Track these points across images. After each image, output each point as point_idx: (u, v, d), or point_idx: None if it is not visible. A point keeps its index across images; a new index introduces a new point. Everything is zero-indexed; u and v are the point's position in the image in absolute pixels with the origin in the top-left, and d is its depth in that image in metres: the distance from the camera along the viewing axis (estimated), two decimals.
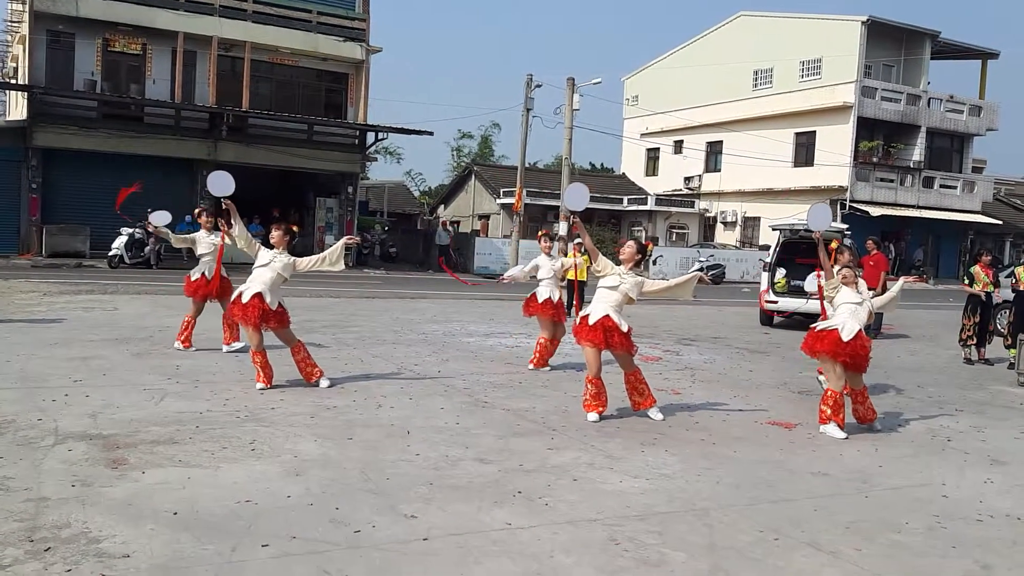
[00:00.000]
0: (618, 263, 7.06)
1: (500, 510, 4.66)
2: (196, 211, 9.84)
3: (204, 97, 25.45)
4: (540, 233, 10.18)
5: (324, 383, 7.67)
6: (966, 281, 12.35)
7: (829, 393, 6.96)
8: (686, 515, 4.77)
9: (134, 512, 4.30)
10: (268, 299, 7.56)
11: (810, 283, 9.33)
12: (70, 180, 24.04)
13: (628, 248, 7.04)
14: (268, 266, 7.66)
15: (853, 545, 4.43)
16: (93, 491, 4.59)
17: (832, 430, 6.87)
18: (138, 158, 24.33)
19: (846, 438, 6.77)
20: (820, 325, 7.28)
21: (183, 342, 9.39)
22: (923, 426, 7.51)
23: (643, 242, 7.24)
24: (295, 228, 8.14)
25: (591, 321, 6.85)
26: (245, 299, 7.58)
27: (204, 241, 9.73)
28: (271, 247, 7.90)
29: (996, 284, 12.07)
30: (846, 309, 7.02)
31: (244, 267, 8.72)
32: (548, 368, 9.41)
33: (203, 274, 9.58)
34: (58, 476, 4.80)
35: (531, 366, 9.38)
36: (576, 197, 7.19)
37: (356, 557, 3.92)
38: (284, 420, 6.39)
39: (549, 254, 9.69)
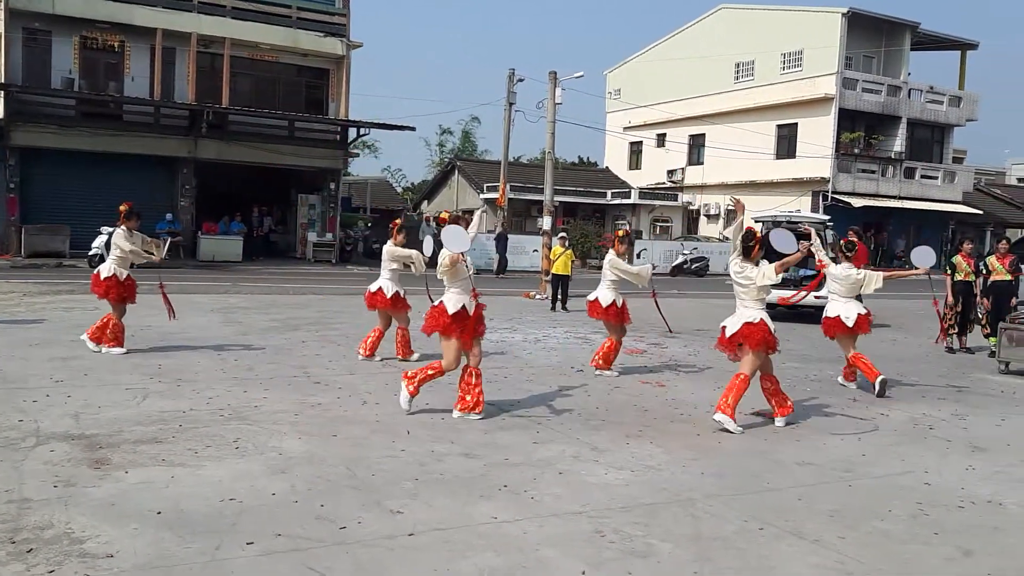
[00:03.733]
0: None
1: (486, 504, 4.66)
2: (123, 208, 8.85)
3: (184, 94, 25.22)
4: (619, 233, 9.58)
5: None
6: (948, 271, 12.38)
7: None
8: (671, 506, 4.79)
9: (117, 512, 4.27)
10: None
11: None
12: (49, 179, 23.77)
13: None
14: None
15: (837, 533, 4.46)
16: (76, 491, 4.55)
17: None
18: (118, 157, 24.10)
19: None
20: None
21: (108, 343, 8.92)
22: (906, 415, 7.57)
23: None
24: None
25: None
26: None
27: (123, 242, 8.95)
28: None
29: (977, 273, 12.15)
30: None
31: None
32: (615, 373, 8.97)
33: (115, 273, 8.91)
34: (40, 477, 4.75)
35: (595, 369, 8.97)
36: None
37: (342, 553, 3.91)
38: (268, 418, 6.36)
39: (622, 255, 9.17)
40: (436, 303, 6.79)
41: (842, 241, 9.01)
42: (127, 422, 6.03)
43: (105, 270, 9.05)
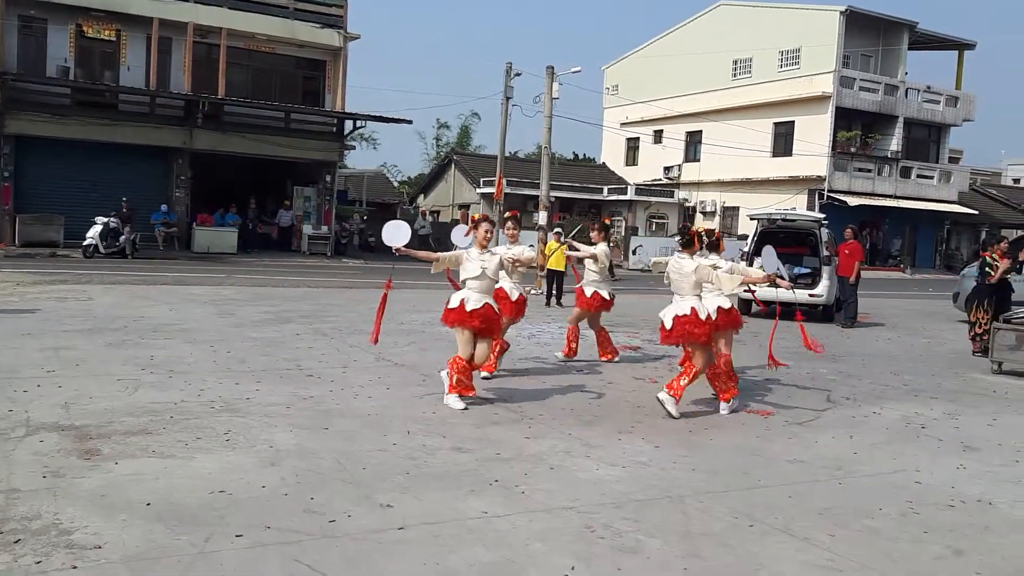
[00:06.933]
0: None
1: (476, 499, 4.66)
2: None
3: (179, 84, 25.13)
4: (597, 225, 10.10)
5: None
6: (991, 274, 11.68)
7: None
8: (662, 502, 4.79)
9: (107, 503, 4.26)
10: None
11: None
12: (43, 168, 23.65)
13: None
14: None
15: (826, 531, 4.46)
16: (65, 482, 4.53)
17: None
18: (113, 147, 24.01)
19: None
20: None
21: None
22: (898, 413, 7.58)
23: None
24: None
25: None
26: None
27: None
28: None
29: (983, 274, 11.85)
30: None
31: None
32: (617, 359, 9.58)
33: None
34: (29, 467, 4.73)
35: (604, 359, 9.51)
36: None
37: (330, 546, 3.90)
38: (260, 411, 6.34)
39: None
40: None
41: (703, 231, 8.12)
42: (118, 413, 6.01)
43: None
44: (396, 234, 7.12)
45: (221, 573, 3.56)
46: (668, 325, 7.08)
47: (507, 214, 8.73)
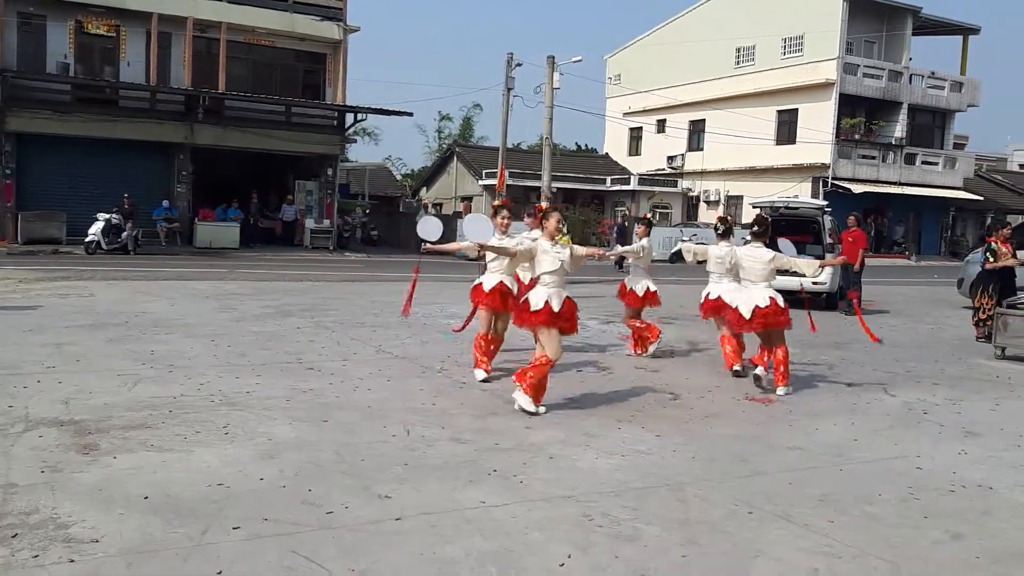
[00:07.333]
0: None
1: (475, 489, 4.65)
2: None
3: (180, 79, 25.11)
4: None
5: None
6: (990, 259, 11.63)
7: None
8: (660, 490, 4.78)
9: (104, 497, 4.26)
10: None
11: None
12: (45, 165, 23.69)
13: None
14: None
15: (826, 517, 4.45)
16: (63, 477, 4.54)
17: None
18: (113, 142, 24.02)
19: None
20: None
21: None
22: (900, 400, 7.56)
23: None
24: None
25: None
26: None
27: None
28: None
29: (985, 259, 11.74)
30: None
31: None
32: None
33: None
34: (27, 462, 4.74)
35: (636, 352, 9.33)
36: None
37: (327, 538, 3.90)
38: (259, 404, 6.34)
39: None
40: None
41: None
42: (117, 408, 6.01)
43: None
44: (477, 228, 6.83)
45: (218, 565, 3.56)
46: (747, 314, 7.47)
47: (497, 203, 8.37)
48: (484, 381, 7.50)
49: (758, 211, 16.61)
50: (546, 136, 24.88)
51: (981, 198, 40.36)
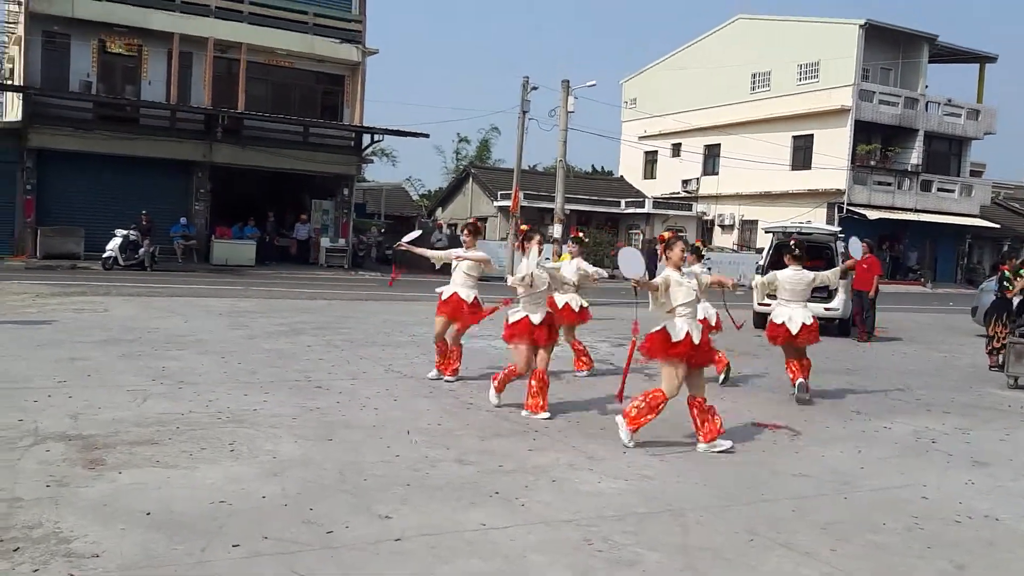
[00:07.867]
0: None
1: (476, 511, 4.65)
2: None
3: (200, 99, 25.43)
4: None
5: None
6: (1008, 287, 11.43)
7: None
8: (662, 515, 4.76)
9: (108, 512, 4.29)
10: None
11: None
12: (65, 182, 23.99)
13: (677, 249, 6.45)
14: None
15: (828, 546, 4.42)
16: (68, 491, 4.58)
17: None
18: (133, 160, 24.30)
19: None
20: None
21: None
22: (908, 428, 7.50)
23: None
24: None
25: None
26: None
27: None
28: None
29: (1001, 288, 11.64)
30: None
31: None
32: None
33: None
34: (34, 476, 4.78)
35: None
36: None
37: (327, 557, 3.91)
38: (266, 421, 6.37)
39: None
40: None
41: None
42: (125, 423, 6.06)
43: None
44: (631, 262, 6.04)
45: None
46: (795, 331, 8.33)
47: (469, 220, 8.46)
48: (546, 420, 7.02)
49: (771, 236, 16.62)
50: (560, 159, 25.01)
51: (998, 226, 40.08)
